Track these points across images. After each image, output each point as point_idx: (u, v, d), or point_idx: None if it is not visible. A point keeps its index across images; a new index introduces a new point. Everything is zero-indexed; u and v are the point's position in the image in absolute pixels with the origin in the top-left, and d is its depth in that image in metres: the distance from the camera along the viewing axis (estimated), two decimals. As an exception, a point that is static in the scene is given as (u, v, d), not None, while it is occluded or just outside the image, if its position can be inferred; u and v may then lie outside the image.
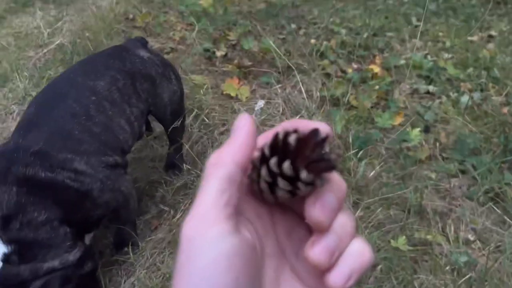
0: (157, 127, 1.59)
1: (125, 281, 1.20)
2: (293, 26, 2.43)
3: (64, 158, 1.01)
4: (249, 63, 1.87)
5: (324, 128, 0.27)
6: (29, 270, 1.00)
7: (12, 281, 1.01)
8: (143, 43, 1.30)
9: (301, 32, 2.39)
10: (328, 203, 0.27)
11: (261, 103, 1.59)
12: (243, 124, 0.29)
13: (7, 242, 1.00)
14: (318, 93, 1.66)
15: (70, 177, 1.00)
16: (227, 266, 0.24)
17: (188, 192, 1.38)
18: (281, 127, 0.29)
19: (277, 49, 1.79)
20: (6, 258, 1.00)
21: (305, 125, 0.28)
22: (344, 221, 0.28)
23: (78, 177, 1.01)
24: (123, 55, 1.21)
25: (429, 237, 1.13)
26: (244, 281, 0.25)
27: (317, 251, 0.27)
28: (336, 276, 0.26)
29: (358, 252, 0.27)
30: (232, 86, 1.78)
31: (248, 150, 0.29)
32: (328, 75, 1.88)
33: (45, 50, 2.37)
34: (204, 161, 1.50)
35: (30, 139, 1.01)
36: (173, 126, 1.34)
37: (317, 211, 0.27)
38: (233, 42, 2.23)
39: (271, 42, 1.79)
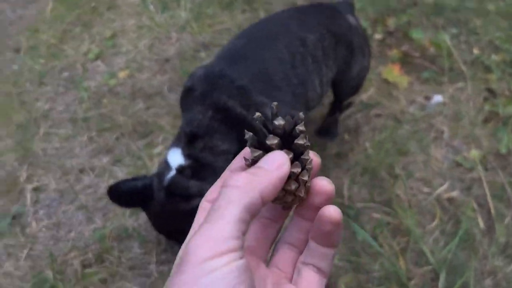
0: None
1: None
2: (454, 30, 2.30)
3: (260, 101, 1.03)
4: (416, 54, 1.80)
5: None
6: (197, 188, 1.05)
7: (178, 191, 1.07)
8: (352, 9, 1.28)
9: (461, 38, 2.26)
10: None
11: (438, 98, 1.53)
12: (282, 164, 0.30)
13: (186, 156, 1.05)
14: (486, 107, 1.57)
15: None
16: (237, 281, 0.25)
17: (339, 162, 1.38)
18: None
19: (451, 48, 1.70)
20: (180, 169, 1.06)
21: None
22: None
23: (265, 123, 1.03)
24: (335, 16, 1.20)
25: None
26: None
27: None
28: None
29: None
30: (392, 73, 1.73)
31: (275, 193, 0.29)
32: (491, 91, 1.77)
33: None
34: (355, 137, 1.50)
35: (236, 71, 1.03)
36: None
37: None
38: (390, 29, 2.17)
39: (447, 39, 1.71)
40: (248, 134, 0.32)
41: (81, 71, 1.97)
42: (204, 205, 0.34)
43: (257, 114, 0.33)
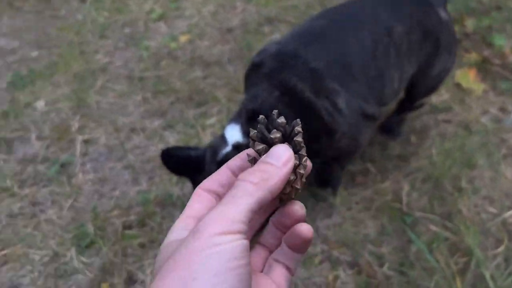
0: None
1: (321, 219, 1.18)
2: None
3: (332, 88, 0.95)
4: (496, 61, 1.67)
5: None
6: None
7: (232, 167, 1.02)
8: (444, 1, 1.17)
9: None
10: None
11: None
12: (289, 159, 0.33)
13: (245, 133, 0.99)
14: None
15: (328, 109, 0.95)
16: (240, 255, 0.29)
17: (400, 164, 1.30)
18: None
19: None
20: (237, 146, 1.00)
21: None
22: None
23: (333, 113, 0.95)
24: (426, 9, 1.09)
25: None
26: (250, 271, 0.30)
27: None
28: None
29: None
30: (467, 78, 1.61)
31: (281, 187, 0.33)
32: None
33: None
34: (421, 140, 1.40)
35: (312, 52, 0.95)
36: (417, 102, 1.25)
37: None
38: (468, 31, 2.02)
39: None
40: (253, 131, 0.35)
41: (143, 29, 1.94)
42: (198, 192, 0.36)
43: (261, 116, 0.35)
